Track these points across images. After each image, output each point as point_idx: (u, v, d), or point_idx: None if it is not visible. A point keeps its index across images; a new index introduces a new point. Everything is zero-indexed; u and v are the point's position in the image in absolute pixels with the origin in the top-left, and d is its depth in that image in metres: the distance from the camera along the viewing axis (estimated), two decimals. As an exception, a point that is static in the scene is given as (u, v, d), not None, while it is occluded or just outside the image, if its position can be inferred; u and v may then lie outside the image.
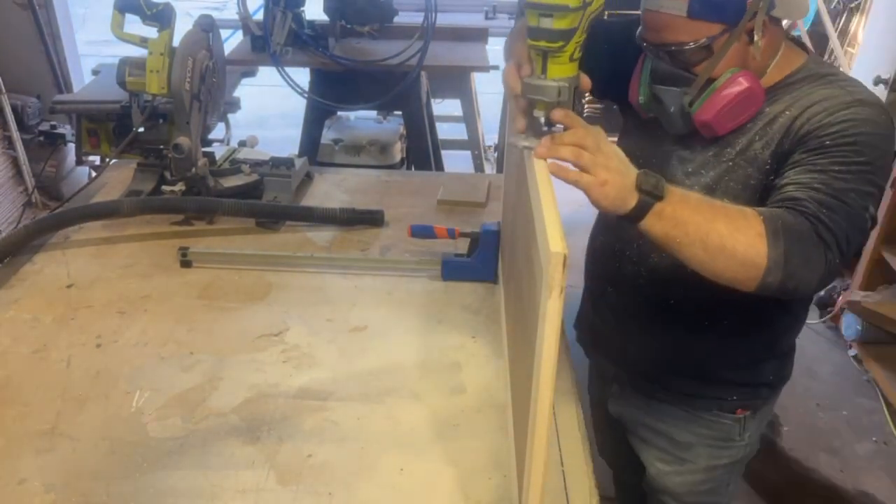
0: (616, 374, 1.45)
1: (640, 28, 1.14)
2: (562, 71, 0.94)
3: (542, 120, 0.99)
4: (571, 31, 0.90)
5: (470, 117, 3.46)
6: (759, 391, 1.32)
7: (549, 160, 0.91)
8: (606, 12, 3.91)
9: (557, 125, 0.98)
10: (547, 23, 0.89)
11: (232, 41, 2.94)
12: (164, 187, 1.78)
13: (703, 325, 1.24)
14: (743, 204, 1.01)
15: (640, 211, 0.92)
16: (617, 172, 0.91)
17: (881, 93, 2.98)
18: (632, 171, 0.93)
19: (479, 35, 3.04)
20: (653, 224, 0.93)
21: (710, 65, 1.08)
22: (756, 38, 1.05)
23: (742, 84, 1.07)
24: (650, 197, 0.92)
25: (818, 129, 1.03)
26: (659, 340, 1.30)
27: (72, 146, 3.46)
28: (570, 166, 0.92)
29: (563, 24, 0.89)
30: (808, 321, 3.08)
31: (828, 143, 1.01)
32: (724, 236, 0.92)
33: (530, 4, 0.90)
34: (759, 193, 1.10)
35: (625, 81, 1.22)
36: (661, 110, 1.16)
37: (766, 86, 1.11)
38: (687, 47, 1.06)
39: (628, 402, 1.44)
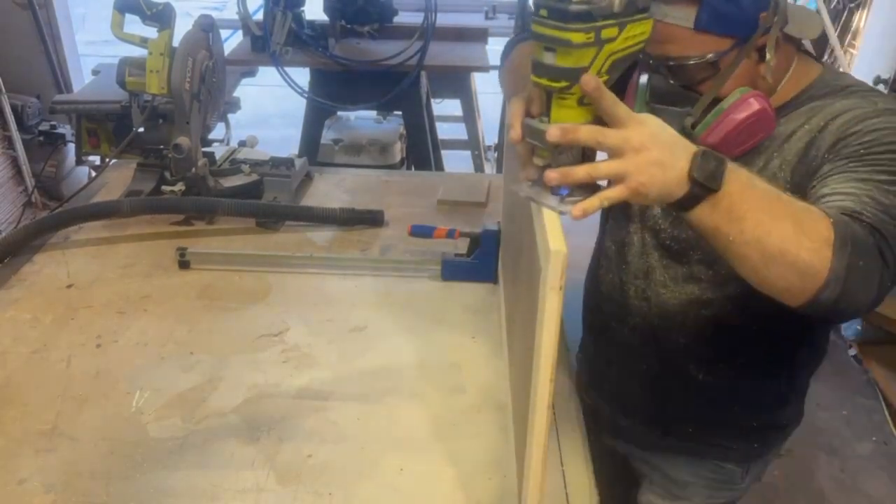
0: (612, 416, 1.33)
1: None
2: (568, 116, 0.76)
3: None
4: (578, 70, 0.72)
5: (470, 117, 3.46)
6: (767, 436, 1.26)
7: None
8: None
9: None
10: (549, 58, 0.73)
11: (232, 41, 2.94)
12: (164, 187, 1.78)
13: (716, 367, 1.17)
14: None
15: (689, 202, 0.76)
16: (656, 169, 0.72)
17: (881, 93, 2.98)
18: (681, 156, 0.74)
19: (479, 35, 3.04)
20: (703, 216, 0.77)
21: (717, 83, 0.99)
22: (768, 56, 0.97)
23: (753, 106, 0.97)
24: (703, 189, 0.74)
25: (848, 137, 0.94)
26: (667, 383, 1.21)
27: (72, 146, 3.46)
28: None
29: (567, 61, 0.72)
30: (808, 321, 3.09)
31: (862, 151, 0.91)
32: (787, 239, 0.76)
33: (534, 34, 0.74)
34: None
35: None
36: None
37: (779, 104, 1.03)
38: (692, 62, 0.98)
39: (625, 439, 1.36)
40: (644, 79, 1.04)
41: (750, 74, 1.00)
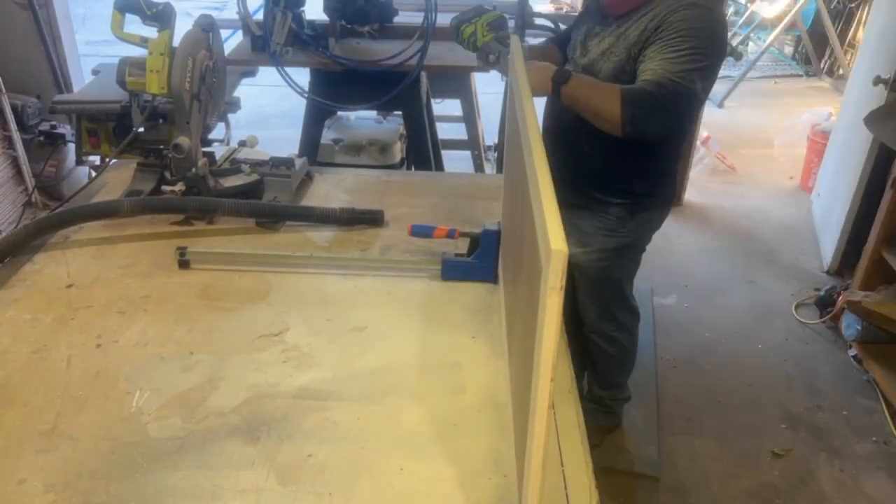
0: None
1: None
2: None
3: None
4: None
5: (470, 117, 3.46)
6: (634, 197, 1.99)
7: None
8: None
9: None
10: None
11: (232, 41, 2.94)
12: (164, 187, 1.78)
13: (595, 142, 1.85)
14: (621, 63, 1.76)
15: (555, 90, 1.72)
16: (539, 80, 1.70)
17: (881, 93, 2.98)
18: (550, 72, 1.71)
19: (480, 35, 3.02)
20: (563, 96, 1.73)
21: None
22: None
23: None
24: (557, 84, 1.71)
25: (663, 24, 1.68)
26: (576, 158, 1.94)
27: (72, 146, 3.46)
28: None
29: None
30: (808, 321, 3.10)
31: (664, 35, 1.67)
32: (598, 104, 1.69)
33: None
34: (631, 56, 1.75)
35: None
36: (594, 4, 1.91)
37: None
38: None
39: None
40: None
41: None
